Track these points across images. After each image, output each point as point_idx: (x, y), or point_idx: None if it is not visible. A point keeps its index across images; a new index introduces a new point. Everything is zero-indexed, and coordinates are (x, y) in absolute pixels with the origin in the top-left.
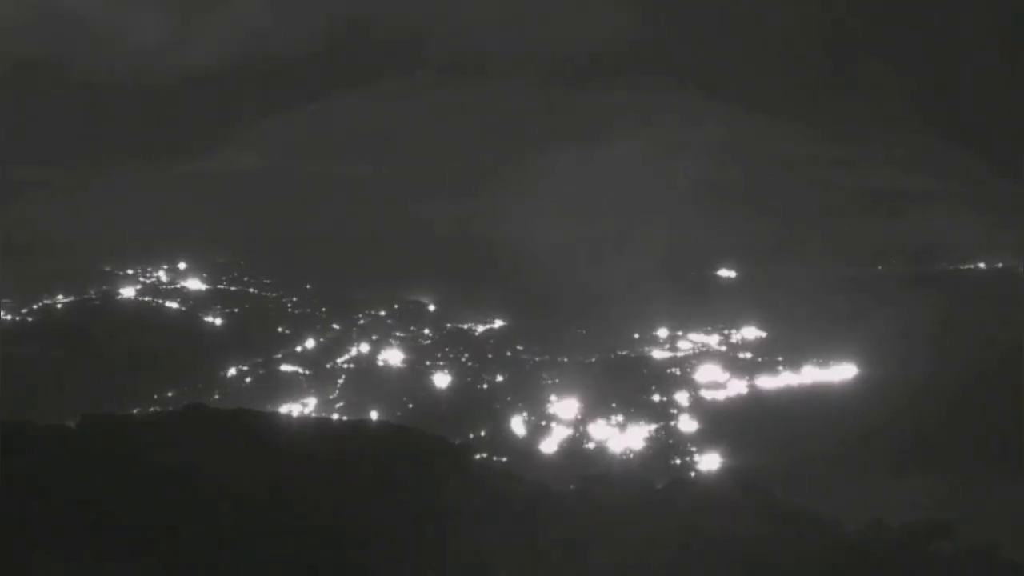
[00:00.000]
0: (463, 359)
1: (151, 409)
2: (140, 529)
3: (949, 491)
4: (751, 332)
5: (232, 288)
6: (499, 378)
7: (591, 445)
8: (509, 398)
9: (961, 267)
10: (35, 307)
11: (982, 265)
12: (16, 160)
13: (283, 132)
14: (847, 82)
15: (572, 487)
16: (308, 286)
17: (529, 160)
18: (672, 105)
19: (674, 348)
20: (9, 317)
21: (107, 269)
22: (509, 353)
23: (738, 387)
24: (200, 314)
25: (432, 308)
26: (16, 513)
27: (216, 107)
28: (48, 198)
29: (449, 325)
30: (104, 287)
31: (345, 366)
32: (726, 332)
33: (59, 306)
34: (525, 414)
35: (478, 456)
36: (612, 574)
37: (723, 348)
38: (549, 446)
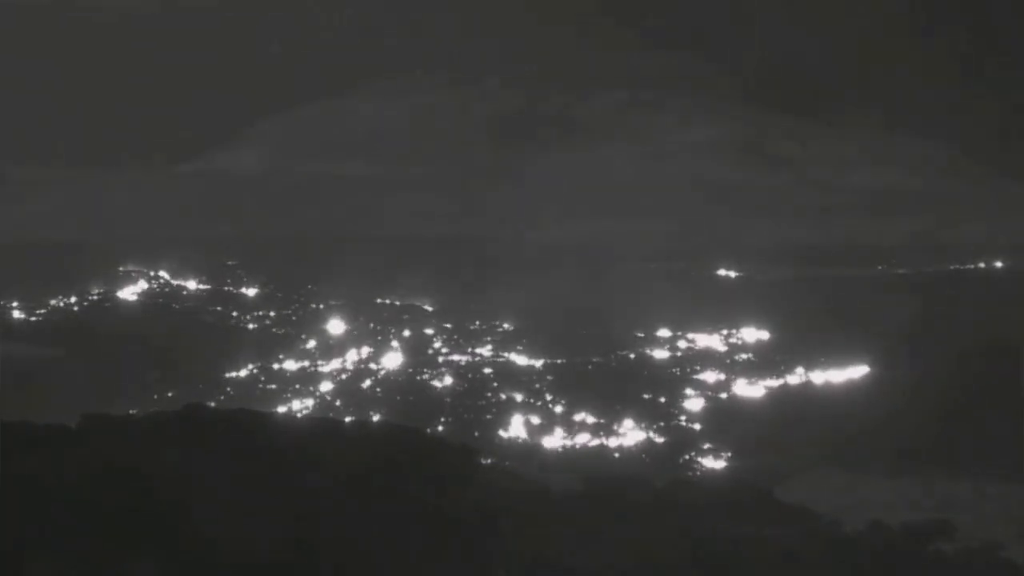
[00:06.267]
0: (463, 360)
1: (151, 409)
2: (139, 530)
3: (949, 491)
4: (751, 332)
5: (232, 288)
6: (500, 379)
7: (592, 446)
8: (510, 399)
9: (961, 267)
10: (36, 307)
11: (982, 265)
12: (16, 160)
13: (283, 132)
14: (847, 82)
15: (573, 488)
16: (309, 286)
17: (529, 161)
18: (672, 105)
19: (675, 348)
20: (10, 317)
21: (108, 269)
22: (510, 354)
23: (739, 387)
24: (200, 314)
25: (432, 309)
26: (16, 513)
27: (216, 107)
28: (48, 198)
29: (449, 326)
30: (104, 287)
31: (345, 366)
32: (727, 332)
33: (59, 306)
34: (526, 415)
35: (479, 457)
36: (613, 574)
37: (724, 348)
38: (550, 447)
